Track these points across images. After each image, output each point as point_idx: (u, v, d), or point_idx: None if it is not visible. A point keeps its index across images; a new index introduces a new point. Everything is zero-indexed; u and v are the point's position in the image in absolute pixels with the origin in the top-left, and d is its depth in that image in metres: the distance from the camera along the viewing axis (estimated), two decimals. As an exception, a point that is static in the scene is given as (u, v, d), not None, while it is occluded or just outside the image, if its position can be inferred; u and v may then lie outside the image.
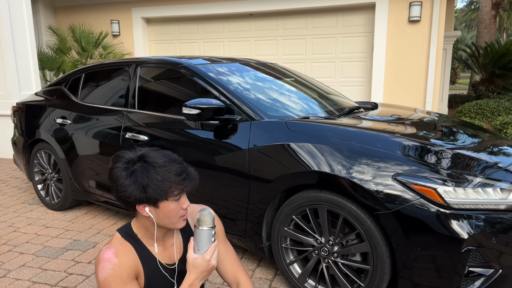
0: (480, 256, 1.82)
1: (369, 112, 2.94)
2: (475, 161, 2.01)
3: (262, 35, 7.26)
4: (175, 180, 1.23)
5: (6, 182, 4.79)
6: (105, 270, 1.24)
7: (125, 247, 1.31)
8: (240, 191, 2.38)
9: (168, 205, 1.25)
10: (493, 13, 12.72)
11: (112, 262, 1.25)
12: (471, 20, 32.38)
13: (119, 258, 1.27)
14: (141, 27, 7.72)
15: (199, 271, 1.26)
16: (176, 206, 1.26)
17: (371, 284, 2.00)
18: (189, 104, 2.34)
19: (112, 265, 1.24)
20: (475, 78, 14.17)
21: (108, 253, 1.26)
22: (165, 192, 1.22)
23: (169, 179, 1.22)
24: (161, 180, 1.22)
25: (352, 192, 1.97)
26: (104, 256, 1.26)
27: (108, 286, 1.23)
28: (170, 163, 1.25)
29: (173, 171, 1.24)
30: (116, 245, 1.30)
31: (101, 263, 1.25)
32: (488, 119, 7.05)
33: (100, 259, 1.26)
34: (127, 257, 1.29)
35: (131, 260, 1.30)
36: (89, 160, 3.29)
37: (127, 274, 1.26)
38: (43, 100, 3.83)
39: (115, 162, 1.27)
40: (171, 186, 1.22)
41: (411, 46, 6.31)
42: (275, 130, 2.28)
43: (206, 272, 1.27)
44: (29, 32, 5.95)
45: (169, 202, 1.25)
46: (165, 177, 1.22)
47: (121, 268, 1.25)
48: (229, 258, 1.53)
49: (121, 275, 1.24)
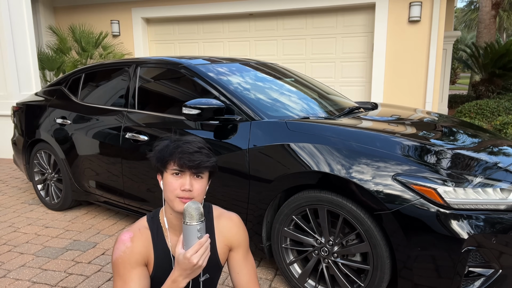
0: (480, 256, 1.82)
1: (369, 112, 2.94)
2: (475, 161, 2.01)
3: (262, 35, 7.26)
4: (172, 152, 1.31)
5: (6, 182, 4.79)
6: (118, 251, 1.34)
7: (142, 234, 1.38)
8: (240, 191, 2.38)
9: (167, 177, 1.33)
10: (493, 13, 12.72)
11: (125, 245, 1.34)
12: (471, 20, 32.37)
13: (133, 243, 1.34)
14: (141, 27, 7.72)
15: (181, 268, 1.22)
16: (174, 181, 1.32)
17: (371, 284, 2.00)
18: (189, 104, 2.34)
19: (125, 248, 1.33)
20: (475, 78, 14.16)
21: (126, 236, 1.36)
22: (163, 161, 1.32)
23: (168, 150, 1.32)
24: (164, 149, 1.34)
25: (352, 192, 1.97)
26: (121, 237, 1.36)
27: (117, 266, 1.33)
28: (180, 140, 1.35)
29: (176, 145, 1.32)
30: (135, 230, 1.38)
31: (117, 243, 1.35)
32: (488, 119, 7.05)
33: (118, 240, 1.36)
34: (141, 244, 1.35)
35: (144, 248, 1.36)
36: (89, 160, 3.29)
37: (136, 260, 1.33)
38: (43, 100, 3.83)
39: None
40: (165, 156, 1.32)
41: (411, 46, 6.31)
42: (275, 130, 2.28)
43: (189, 270, 1.23)
44: (29, 32, 5.95)
45: (168, 174, 1.33)
46: (167, 148, 1.33)
47: (132, 253, 1.33)
48: (246, 271, 1.49)
49: (130, 259, 1.32)
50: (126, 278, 1.31)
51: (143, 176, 2.89)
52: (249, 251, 1.54)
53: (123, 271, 1.32)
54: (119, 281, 1.32)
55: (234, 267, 1.50)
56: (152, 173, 2.82)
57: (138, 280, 1.32)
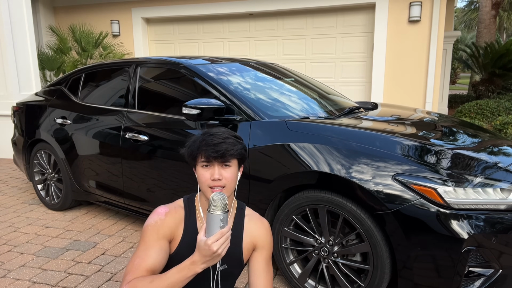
0: (480, 256, 1.82)
1: (369, 112, 2.94)
2: (475, 161, 2.01)
3: (262, 35, 7.26)
4: (199, 146, 1.39)
5: (6, 182, 4.79)
6: (151, 219, 1.44)
7: (176, 212, 1.48)
8: (240, 191, 2.38)
9: (198, 170, 1.41)
10: (493, 13, 12.73)
11: (159, 217, 1.44)
12: (471, 20, 32.37)
13: (166, 217, 1.44)
14: (141, 27, 7.72)
15: (201, 254, 1.26)
16: (204, 172, 1.39)
17: (371, 284, 2.00)
18: (189, 104, 2.34)
19: (158, 219, 1.43)
20: (475, 78, 14.17)
21: (162, 210, 1.46)
22: (192, 155, 1.41)
23: (196, 145, 1.40)
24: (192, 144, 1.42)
25: (352, 192, 1.97)
26: (158, 210, 1.47)
27: (145, 231, 1.42)
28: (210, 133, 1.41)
29: (202, 139, 1.40)
30: (171, 207, 1.48)
31: (153, 213, 1.46)
32: (488, 119, 7.05)
33: (154, 211, 1.47)
34: (172, 220, 1.45)
35: (174, 224, 1.45)
36: (89, 160, 3.29)
37: (163, 233, 1.43)
38: (43, 100, 3.83)
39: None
40: (193, 151, 1.41)
41: (411, 46, 6.31)
42: (275, 130, 2.28)
43: (208, 257, 1.26)
44: (29, 32, 5.95)
45: (198, 166, 1.41)
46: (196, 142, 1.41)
47: (162, 225, 1.43)
48: (265, 275, 1.52)
49: (158, 230, 1.42)
50: (149, 245, 1.40)
51: (143, 176, 2.89)
52: (270, 260, 1.56)
53: (149, 237, 1.41)
54: (143, 245, 1.41)
55: (254, 268, 1.52)
56: (152, 173, 2.82)
57: (158, 250, 1.40)
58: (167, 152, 2.70)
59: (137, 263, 1.37)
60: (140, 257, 1.38)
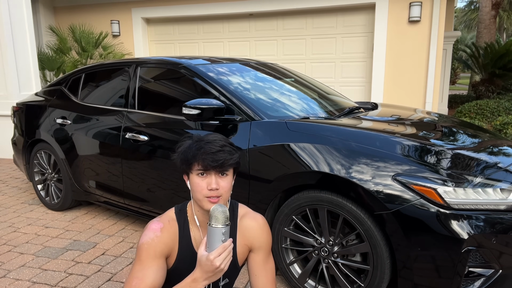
0: (480, 256, 1.82)
1: (369, 112, 2.94)
2: (475, 161, 2.01)
3: (262, 35, 7.26)
4: (195, 153, 1.33)
5: (6, 182, 4.79)
6: (146, 237, 1.37)
7: (171, 226, 1.41)
8: (240, 191, 2.38)
9: (193, 178, 1.35)
10: (493, 13, 12.73)
11: (155, 234, 1.37)
12: (471, 20, 32.37)
13: (162, 233, 1.38)
14: (141, 27, 7.72)
15: (203, 270, 1.22)
16: (200, 181, 1.33)
17: (371, 284, 2.00)
18: (189, 104, 2.34)
19: (154, 236, 1.36)
20: (475, 78, 14.16)
21: (157, 225, 1.39)
22: (187, 163, 1.34)
23: (191, 152, 1.34)
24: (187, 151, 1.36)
25: (352, 192, 1.97)
26: (152, 226, 1.39)
27: (141, 250, 1.35)
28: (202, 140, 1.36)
29: (197, 146, 1.34)
30: (165, 221, 1.41)
31: (147, 230, 1.38)
32: (488, 119, 7.05)
33: (148, 227, 1.39)
34: (168, 236, 1.39)
35: (170, 240, 1.39)
36: (89, 160, 3.29)
37: (161, 250, 1.36)
38: (43, 100, 3.83)
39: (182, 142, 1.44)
40: (188, 158, 1.34)
41: (411, 47, 6.31)
42: (275, 130, 2.28)
43: (210, 273, 1.22)
44: (29, 32, 5.95)
45: (194, 175, 1.35)
46: (191, 149, 1.34)
47: (159, 243, 1.36)
48: (264, 274, 1.48)
49: (155, 248, 1.35)
50: (146, 265, 1.34)
51: (143, 176, 2.89)
52: (270, 254, 1.51)
53: (146, 256, 1.34)
54: (139, 265, 1.35)
55: (252, 269, 1.48)
56: (152, 173, 2.82)
57: (156, 269, 1.35)
58: (167, 152, 2.70)
59: (135, 285, 1.31)
60: (138, 278, 1.32)
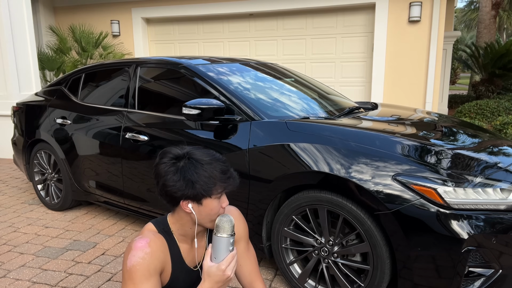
0: (480, 256, 1.82)
1: (369, 112, 2.94)
2: (475, 161, 2.01)
3: (262, 35, 7.26)
4: (221, 178, 1.26)
5: (6, 182, 4.79)
6: (135, 258, 1.23)
7: (158, 239, 1.30)
8: (240, 191, 2.38)
9: (211, 203, 1.27)
10: (493, 13, 12.73)
11: (144, 251, 1.24)
12: (471, 20, 32.37)
13: (151, 248, 1.26)
14: (141, 27, 7.72)
15: (213, 281, 1.21)
16: (217, 204, 1.28)
17: (371, 284, 2.00)
18: (189, 104, 2.34)
19: (143, 254, 1.23)
20: (475, 78, 14.17)
21: (142, 242, 1.26)
22: (210, 189, 1.25)
23: (215, 177, 1.25)
24: (208, 176, 1.24)
25: (352, 192, 1.97)
26: (137, 245, 1.25)
27: (133, 273, 1.22)
28: (216, 161, 1.28)
29: (219, 169, 1.27)
30: (149, 236, 1.30)
31: (132, 251, 1.24)
32: (488, 119, 7.05)
33: (133, 247, 1.25)
34: (158, 249, 1.28)
35: (162, 253, 1.29)
36: (89, 160, 3.29)
37: (155, 267, 1.25)
38: (43, 100, 3.83)
39: (161, 157, 1.29)
40: (216, 184, 1.25)
41: (411, 47, 6.31)
42: (275, 130, 2.28)
43: (221, 283, 1.21)
44: (29, 32, 5.95)
45: (212, 199, 1.27)
46: (211, 174, 1.25)
47: (151, 259, 1.24)
48: (249, 262, 1.50)
49: (149, 266, 1.23)
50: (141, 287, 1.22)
51: (143, 176, 2.89)
52: (249, 242, 1.54)
53: (140, 279, 1.21)
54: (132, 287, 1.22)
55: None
56: (152, 173, 2.82)
57: None
58: (167, 152, 2.70)
59: None
60: None
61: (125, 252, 1.27)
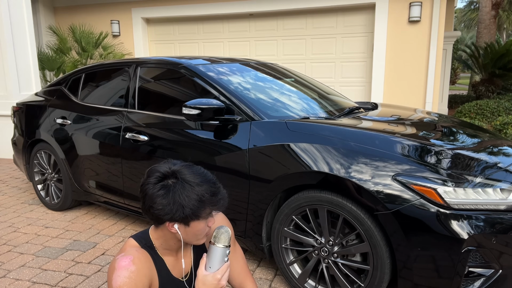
0: (480, 256, 1.82)
1: (369, 112, 2.94)
2: (475, 161, 2.01)
3: (262, 35, 7.26)
4: (211, 200, 1.22)
5: (6, 182, 4.79)
6: (120, 278, 1.18)
7: (142, 254, 1.27)
8: (240, 191, 2.38)
9: (198, 224, 1.24)
10: (493, 13, 12.73)
11: (129, 270, 1.19)
12: (471, 20, 32.37)
13: (136, 266, 1.22)
14: (141, 27, 7.72)
15: None
16: (204, 225, 1.26)
17: (371, 284, 2.00)
18: (189, 104, 2.34)
19: (129, 273, 1.19)
20: (475, 78, 14.16)
21: (125, 261, 1.21)
22: (199, 212, 1.21)
23: (205, 200, 1.21)
24: (198, 200, 1.20)
25: (352, 192, 1.97)
26: (120, 264, 1.20)
27: None
28: (206, 182, 1.24)
29: (210, 192, 1.23)
30: (132, 252, 1.25)
31: (116, 271, 1.19)
32: (488, 120, 7.05)
33: (116, 267, 1.20)
34: (144, 265, 1.24)
35: (148, 269, 1.26)
36: (89, 160, 3.29)
37: (143, 285, 1.21)
38: (43, 100, 3.83)
39: (148, 176, 1.26)
40: (205, 207, 1.21)
41: (411, 47, 6.31)
42: (275, 130, 2.28)
43: None
44: (29, 32, 5.95)
45: (200, 221, 1.24)
46: (202, 198, 1.21)
47: (138, 277, 1.20)
48: (237, 262, 1.50)
49: (136, 284, 1.19)
50: None
51: (143, 176, 2.88)
52: (236, 243, 1.54)
53: None
54: None
55: None
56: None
57: None
58: (167, 152, 2.70)
59: None
60: None
61: (109, 272, 1.21)
